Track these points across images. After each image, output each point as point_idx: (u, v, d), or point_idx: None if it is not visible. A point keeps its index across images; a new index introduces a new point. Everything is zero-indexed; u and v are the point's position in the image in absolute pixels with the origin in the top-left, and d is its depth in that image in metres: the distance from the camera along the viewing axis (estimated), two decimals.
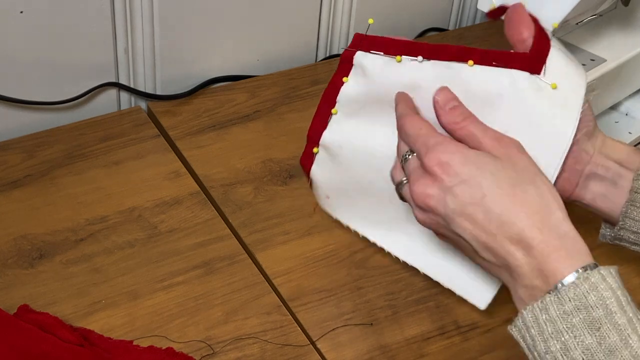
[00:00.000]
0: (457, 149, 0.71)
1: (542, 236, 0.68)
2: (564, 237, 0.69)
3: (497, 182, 0.69)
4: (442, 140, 0.71)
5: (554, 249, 0.68)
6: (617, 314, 0.66)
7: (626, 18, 1.09)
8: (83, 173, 1.05)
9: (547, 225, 0.68)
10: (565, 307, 0.66)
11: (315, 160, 0.86)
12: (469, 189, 0.69)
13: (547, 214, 0.69)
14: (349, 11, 1.28)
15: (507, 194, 0.69)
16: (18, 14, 1.03)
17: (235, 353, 0.87)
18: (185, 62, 1.18)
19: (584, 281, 0.66)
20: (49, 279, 0.92)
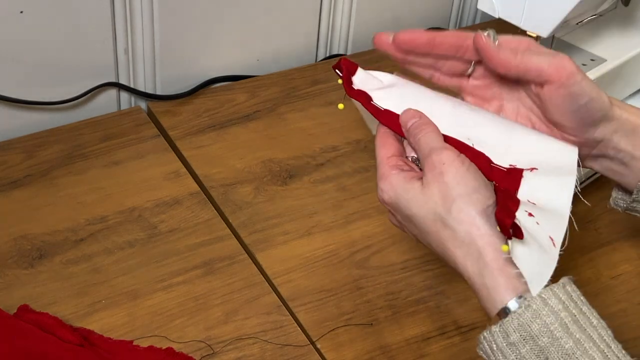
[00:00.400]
0: (390, 186, 0.74)
1: (475, 270, 0.69)
2: (499, 262, 0.69)
3: (422, 220, 0.72)
4: (382, 174, 0.75)
5: (492, 280, 0.69)
6: (562, 339, 0.66)
7: (626, 18, 1.09)
8: (83, 173, 1.05)
9: (477, 256, 0.69)
10: (511, 339, 0.66)
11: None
12: (410, 225, 0.75)
13: (473, 244, 0.70)
14: (349, 11, 1.28)
15: (434, 231, 0.72)
16: (18, 14, 1.03)
17: (235, 353, 0.87)
18: (185, 62, 1.18)
19: (526, 309, 0.67)
20: (49, 279, 0.92)
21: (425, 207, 0.72)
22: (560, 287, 0.68)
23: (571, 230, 1.04)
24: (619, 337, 0.93)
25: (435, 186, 0.71)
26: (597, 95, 0.75)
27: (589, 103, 0.75)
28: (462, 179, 0.71)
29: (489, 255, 0.69)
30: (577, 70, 0.74)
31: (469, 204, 0.70)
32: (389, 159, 0.75)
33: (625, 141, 0.78)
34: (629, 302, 0.96)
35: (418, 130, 0.75)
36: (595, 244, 1.02)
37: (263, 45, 1.24)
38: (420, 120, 0.76)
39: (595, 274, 0.98)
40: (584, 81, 0.74)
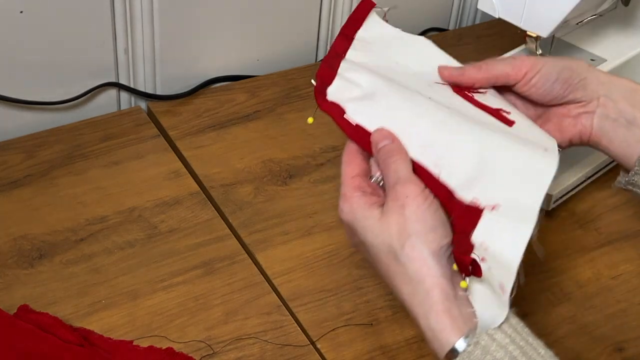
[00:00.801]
0: (350, 208, 0.75)
1: (421, 311, 0.70)
2: (445, 304, 0.69)
3: (375, 249, 0.73)
4: (344, 194, 0.75)
5: (437, 323, 0.69)
6: None
7: (626, 18, 1.09)
8: (83, 173, 1.05)
9: (424, 296, 0.70)
10: None
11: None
12: (364, 251, 0.75)
13: (421, 284, 0.70)
14: (349, 11, 1.28)
15: (385, 263, 0.72)
16: (18, 14, 1.03)
17: (235, 353, 0.87)
18: (185, 62, 1.18)
19: (475, 347, 0.67)
20: (49, 279, 0.92)
21: (380, 238, 0.72)
22: (505, 321, 0.69)
23: (571, 230, 1.05)
24: (619, 337, 0.93)
25: (394, 218, 0.72)
26: (565, 65, 0.82)
27: (559, 77, 0.81)
28: (422, 215, 0.71)
29: (435, 296, 0.69)
30: (536, 61, 0.81)
31: (424, 242, 0.71)
32: (353, 179, 0.76)
33: (624, 102, 0.82)
34: (629, 302, 0.96)
35: (388, 156, 0.75)
36: (595, 244, 1.02)
37: (263, 45, 1.24)
38: (392, 144, 0.76)
39: (595, 274, 0.99)
40: (545, 66, 0.81)
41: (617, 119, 0.82)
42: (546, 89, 0.82)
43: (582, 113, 0.83)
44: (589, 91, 0.83)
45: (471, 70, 0.82)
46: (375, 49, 0.84)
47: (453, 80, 0.82)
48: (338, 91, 0.80)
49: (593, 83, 0.83)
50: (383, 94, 0.79)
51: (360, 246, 0.76)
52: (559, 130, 0.85)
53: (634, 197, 0.93)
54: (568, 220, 1.05)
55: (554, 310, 0.94)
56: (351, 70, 0.81)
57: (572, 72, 0.82)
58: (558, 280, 0.97)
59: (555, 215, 1.05)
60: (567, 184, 1.05)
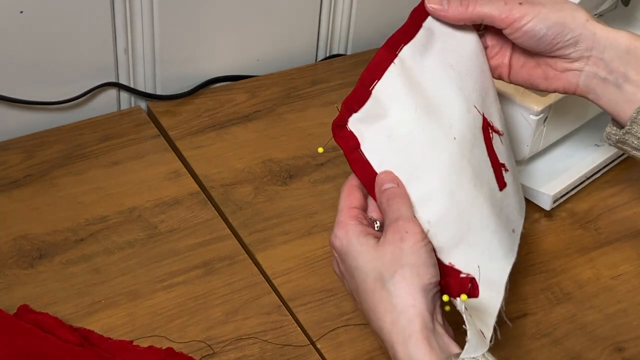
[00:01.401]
0: (345, 235, 0.76)
1: (400, 338, 0.72)
2: (425, 332, 0.71)
3: (364, 275, 0.74)
4: (341, 221, 0.77)
5: (416, 349, 0.71)
6: None
7: (626, 18, 1.09)
8: (83, 173, 1.05)
9: (405, 325, 0.72)
10: None
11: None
12: (350, 277, 0.76)
13: (404, 314, 0.72)
14: (349, 11, 1.28)
15: (371, 289, 0.74)
16: (18, 14, 1.03)
17: (235, 353, 0.87)
18: (185, 62, 1.18)
19: None
20: (49, 279, 0.92)
21: (372, 264, 0.74)
22: (482, 357, 0.71)
23: (571, 230, 1.05)
24: (619, 337, 0.93)
25: (390, 248, 0.74)
26: (558, 20, 0.81)
27: (548, 33, 0.81)
28: (418, 251, 0.74)
29: (416, 325, 0.71)
30: (527, 11, 0.81)
31: (415, 275, 0.73)
32: (351, 210, 0.78)
33: (618, 62, 0.82)
34: (629, 302, 0.96)
35: (391, 197, 0.77)
36: (595, 244, 1.02)
37: (263, 45, 1.24)
38: (397, 188, 0.78)
39: (595, 274, 0.98)
40: (535, 19, 0.81)
41: (607, 78, 0.83)
42: (533, 42, 0.82)
43: (569, 70, 0.84)
44: (580, 49, 0.82)
45: (456, 8, 0.83)
46: (436, 45, 0.84)
47: (437, 15, 0.83)
48: (365, 117, 0.81)
49: (587, 40, 0.82)
50: (404, 134, 0.80)
51: (347, 275, 0.77)
52: (545, 78, 0.85)
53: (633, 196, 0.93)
54: (568, 220, 1.05)
55: (554, 310, 0.94)
56: (388, 92, 0.82)
57: (565, 27, 0.82)
58: (558, 280, 0.97)
59: (555, 215, 1.05)
60: (567, 184, 1.05)
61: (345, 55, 1.30)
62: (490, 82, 0.85)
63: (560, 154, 1.08)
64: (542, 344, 0.91)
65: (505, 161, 0.85)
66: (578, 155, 1.08)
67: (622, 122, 0.83)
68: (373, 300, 0.73)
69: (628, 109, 0.82)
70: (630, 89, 0.82)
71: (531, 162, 1.06)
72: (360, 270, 0.75)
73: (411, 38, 0.83)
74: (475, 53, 0.84)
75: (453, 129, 0.80)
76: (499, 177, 0.83)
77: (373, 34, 1.31)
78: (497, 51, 0.86)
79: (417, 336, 0.70)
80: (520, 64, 0.86)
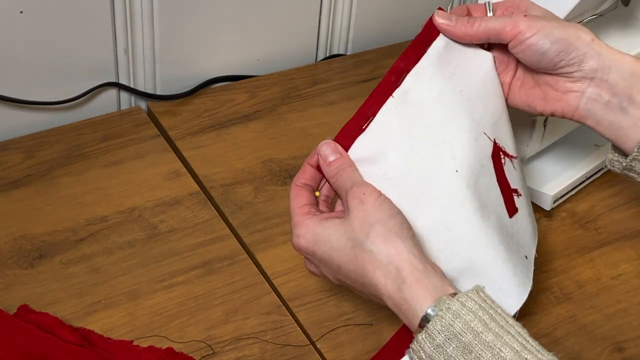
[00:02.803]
0: (307, 230, 0.78)
1: (394, 286, 0.72)
2: (416, 275, 0.72)
3: (341, 251, 0.75)
4: (297, 221, 0.79)
5: (410, 292, 0.71)
6: (483, 333, 0.68)
7: (626, 18, 1.09)
8: (83, 173, 1.05)
9: (395, 273, 0.72)
10: (437, 341, 0.69)
11: None
12: (327, 265, 0.77)
13: (392, 264, 0.73)
14: (349, 11, 1.28)
15: (352, 258, 0.75)
16: (18, 14, 1.03)
17: (235, 353, 0.87)
18: (185, 62, 1.18)
19: (446, 311, 0.69)
20: (49, 279, 0.92)
21: (345, 237, 0.75)
22: (474, 292, 0.71)
23: (571, 230, 1.05)
24: (619, 337, 0.93)
25: (354, 214, 0.75)
26: (563, 36, 0.81)
27: (552, 48, 0.81)
28: (380, 206, 0.75)
29: (406, 270, 0.72)
30: (531, 24, 0.81)
31: (386, 227, 0.74)
32: (301, 208, 0.80)
33: (623, 84, 0.81)
34: (629, 302, 0.96)
35: (339, 168, 0.79)
36: (595, 244, 1.02)
37: (263, 45, 1.24)
38: (342, 158, 0.80)
39: (595, 274, 0.98)
40: (539, 33, 0.80)
41: (610, 100, 0.81)
42: (536, 57, 0.81)
43: (570, 91, 0.82)
44: (584, 69, 0.81)
45: (462, 25, 0.83)
46: (445, 70, 0.83)
47: (444, 30, 0.83)
48: (358, 158, 0.81)
49: (592, 60, 0.81)
50: (400, 173, 0.80)
51: (323, 264, 0.78)
52: (544, 99, 0.84)
53: (633, 196, 0.93)
54: (568, 220, 1.05)
55: (554, 310, 0.94)
56: (383, 129, 0.81)
57: (569, 45, 0.81)
58: (558, 280, 0.97)
59: (555, 215, 1.05)
60: (567, 184, 1.05)
61: (345, 55, 1.30)
62: (502, 105, 0.84)
63: (560, 154, 1.08)
64: (542, 344, 0.90)
65: (517, 185, 0.84)
66: (578, 155, 1.08)
67: (626, 147, 0.81)
68: (359, 266, 0.74)
69: (633, 133, 0.80)
70: (636, 113, 0.80)
71: (531, 162, 1.06)
72: (337, 249, 0.76)
73: (416, 62, 0.82)
74: (488, 75, 0.83)
75: (456, 161, 0.80)
76: (509, 203, 0.83)
77: (373, 34, 1.31)
78: (501, 71, 0.86)
79: (409, 280, 0.71)
80: (519, 84, 0.86)
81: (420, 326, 0.70)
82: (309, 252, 0.78)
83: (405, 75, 0.81)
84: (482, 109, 0.82)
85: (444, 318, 0.69)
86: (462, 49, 0.83)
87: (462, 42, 0.83)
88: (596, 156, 1.08)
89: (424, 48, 0.82)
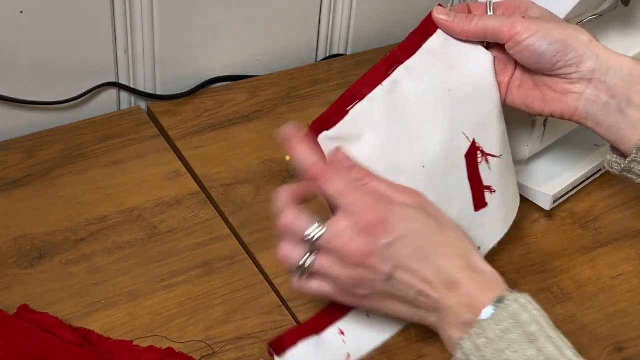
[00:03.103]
0: (389, 207, 0.74)
1: (468, 275, 0.72)
2: (484, 273, 0.73)
3: (428, 233, 0.74)
4: (372, 198, 0.75)
5: (480, 285, 0.72)
6: (548, 328, 0.69)
7: (626, 18, 1.09)
8: (83, 173, 1.05)
9: (469, 265, 0.73)
10: (502, 326, 0.68)
11: None
12: (408, 243, 0.73)
13: (467, 255, 0.73)
14: (349, 11, 1.28)
15: (438, 242, 0.73)
16: (18, 14, 1.03)
17: (235, 353, 0.87)
18: (185, 62, 1.18)
19: (515, 302, 0.69)
20: (49, 279, 0.92)
21: (429, 222, 0.75)
22: (529, 296, 0.71)
23: (571, 230, 1.05)
24: (619, 337, 0.93)
25: (427, 206, 0.76)
26: (561, 37, 0.80)
27: (550, 49, 0.80)
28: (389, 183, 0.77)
29: (476, 254, 0.74)
30: (529, 25, 0.80)
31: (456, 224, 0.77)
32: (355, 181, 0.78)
33: (621, 85, 0.81)
34: (629, 302, 0.96)
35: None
36: (595, 244, 1.02)
37: (263, 45, 1.24)
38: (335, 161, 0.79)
39: (595, 274, 0.98)
40: (537, 34, 0.80)
41: (609, 102, 0.81)
42: (534, 58, 0.81)
43: (569, 92, 0.82)
44: (583, 70, 0.81)
45: (461, 21, 0.83)
46: (438, 67, 0.84)
47: (442, 26, 0.83)
48: (335, 137, 0.82)
49: (589, 62, 0.81)
50: (371, 160, 0.81)
51: (399, 241, 0.74)
52: (543, 100, 0.84)
53: (633, 196, 0.92)
54: (568, 220, 1.05)
55: (554, 310, 0.94)
56: (365, 114, 0.82)
57: (567, 46, 0.81)
58: (558, 280, 0.97)
59: (555, 215, 1.05)
60: (567, 184, 1.05)
61: (345, 55, 1.30)
62: (495, 105, 0.85)
63: (560, 154, 1.08)
64: None
65: (492, 183, 0.86)
66: (578, 155, 1.08)
67: (625, 149, 0.81)
68: (443, 251, 0.73)
69: (632, 135, 0.80)
70: (634, 114, 0.80)
71: (531, 162, 1.06)
72: (423, 230, 0.74)
73: (411, 55, 0.83)
74: (484, 75, 0.84)
75: (425, 157, 0.82)
76: (478, 199, 0.85)
77: (373, 34, 1.31)
78: (499, 70, 0.86)
79: (489, 269, 0.74)
80: (518, 85, 0.86)
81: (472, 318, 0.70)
82: (390, 229, 0.73)
83: (397, 66, 0.83)
84: (469, 109, 0.83)
85: (510, 307, 0.69)
86: (460, 47, 0.84)
87: (459, 38, 0.83)
88: (596, 156, 1.08)
89: (419, 42, 0.83)
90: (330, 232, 0.75)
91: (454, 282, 0.72)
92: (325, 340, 0.84)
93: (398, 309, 0.76)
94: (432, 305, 0.73)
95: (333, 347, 0.84)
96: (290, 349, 0.83)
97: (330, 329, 0.84)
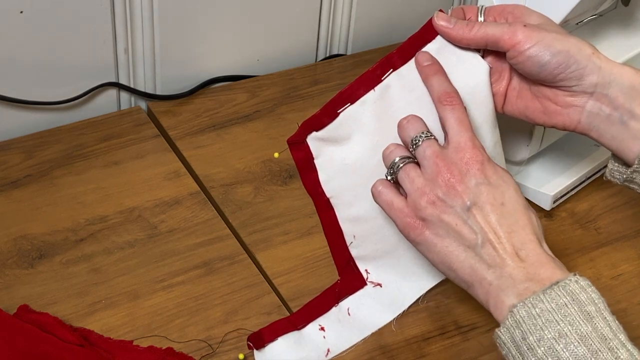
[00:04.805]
0: (493, 163, 0.76)
1: (537, 251, 0.73)
2: (550, 256, 0.74)
3: (517, 200, 0.75)
4: (481, 150, 0.77)
5: (545, 263, 0.73)
6: (605, 311, 0.70)
7: (626, 18, 1.09)
8: (83, 173, 1.05)
9: (540, 244, 0.74)
10: (560, 301, 0.69)
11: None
12: (494, 193, 0.75)
13: (540, 238, 0.75)
14: (349, 11, 1.28)
15: (521, 212, 0.75)
16: (18, 14, 1.03)
17: (235, 353, 0.87)
18: (185, 62, 1.18)
19: (575, 283, 0.70)
20: (49, 279, 0.92)
21: (520, 195, 0.76)
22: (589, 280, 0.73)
23: (571, 230, 1.05)
24: None
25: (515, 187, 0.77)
26: (564, 49, 0.80)
27: (552, 60, 0.80)
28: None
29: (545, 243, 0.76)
30: (531, 35, 0.80)
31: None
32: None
33: (623, 98, 0.80)
34: (629, 302, 0.96)
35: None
36: (595, 244, 1.02)
37: (263, 45, 1.24)
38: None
39: (595, 274, 0.98)
40: (539, 44, 0.79)
41: (611, 114, 0.81)
42: (536, 68, 0.80)
43: (570, 105, 0.82)
44: (584, 83, 0.81)
45: (461, 28, 0.82)
46: None
47: (442, 32, 0.83)
48: (325, 137, 0.85)
49: (592, 74, 0.80)
50: (358, 163, 0.84)
51: (488, 186, 0.75)
52: (544, 112, 0.84)
53: (633, 196, 0.92)
54: (568, 220, 1.05)
55: None
56: (355, 118, 0.84)
57: (569, 58, 0.80)
58: None
59: (555, 215, 1.05)
60: (567, 184, 1.05)
61: (345, 55, 1.30)
62: (487, 114, 0.83)
63: (560, 154, 1.08)
64: None
65: None
66: (578, 155, 1.08)
67: (628, 159, 0.81)
68: (523, 221, 0.75)
69: (634, 146, 0.80)
70: (636, 126, 0.80)
71: (531, 162, 1.06)
72: (514, 195, 0.75)
73: (405, 62, 0.83)
74: (479, 86, 0.83)
75: None
76: None
77: (373, 34, 1.31)
78: (494, 80, 0.85)
79: (555, 258, 0.75)
80: (516, 94, 0.85)
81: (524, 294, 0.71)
82: (486, 173, 0.75)
83: (391, 71, 0.83)
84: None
85: (570, 286, 0.70)
86: (457, 55, 0.83)
87: (459, 45, 0.83)
88: (596, 156, 1.08)
89: (417, 48, 0.83)
90: (433, 147, 0.77)
91: (523, 249, 0.73)
92: (305, 336, 0.86)
93: (458, 252, 0.75)
94: (496, 262, 0.73)
95: (313, 342, 0.86)
96: (269, 344, 0.85)
97: (311, 324, 0.87)
